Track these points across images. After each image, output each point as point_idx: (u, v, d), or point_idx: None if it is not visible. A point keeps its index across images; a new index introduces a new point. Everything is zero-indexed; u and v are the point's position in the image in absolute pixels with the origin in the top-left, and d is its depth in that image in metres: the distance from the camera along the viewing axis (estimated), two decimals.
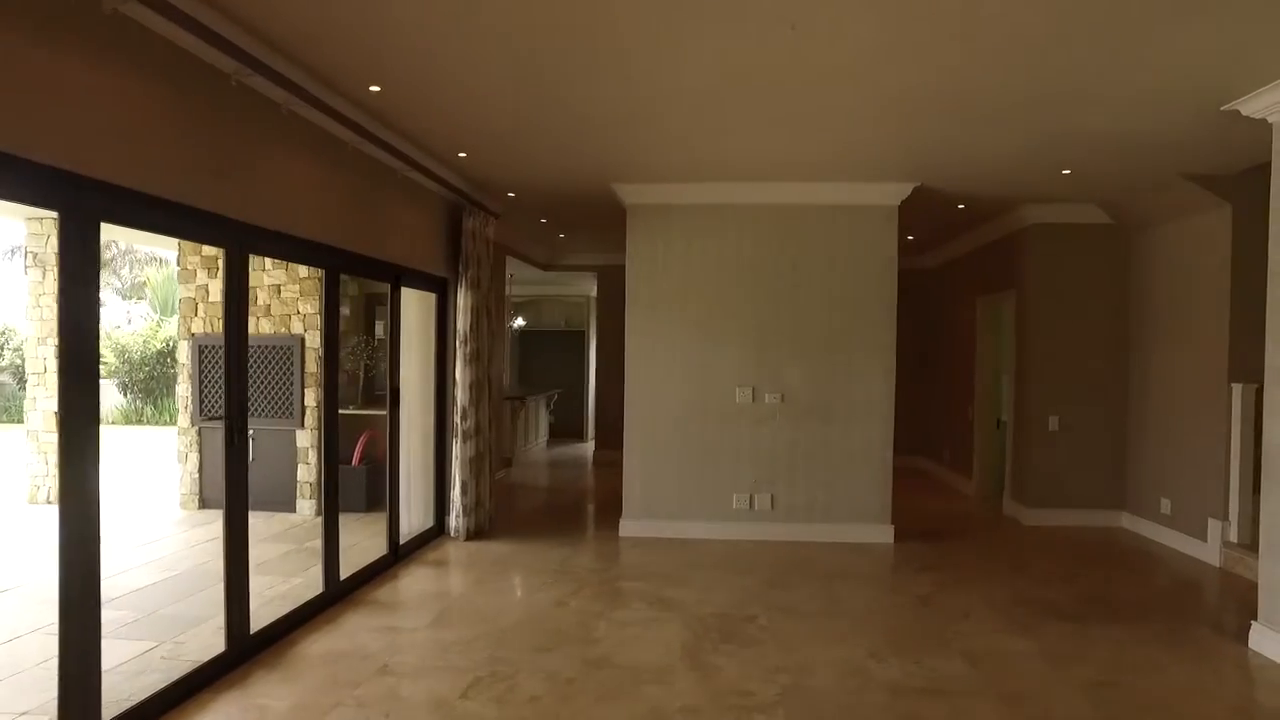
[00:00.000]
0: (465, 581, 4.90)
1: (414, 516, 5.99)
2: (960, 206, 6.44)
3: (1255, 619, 3.84)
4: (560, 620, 4.16)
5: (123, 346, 14.81)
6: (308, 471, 7.13)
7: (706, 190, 5.84)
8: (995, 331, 7.48)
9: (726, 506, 5.95)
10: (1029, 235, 6.57)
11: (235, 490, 3.49)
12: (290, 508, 7.22)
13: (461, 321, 5.84)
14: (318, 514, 7.12)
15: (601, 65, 3.50)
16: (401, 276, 5.22)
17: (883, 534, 5.83)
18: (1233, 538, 5.24)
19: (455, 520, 5.85)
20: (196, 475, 7.26)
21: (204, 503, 7.29)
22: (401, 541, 5.47)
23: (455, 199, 5.83)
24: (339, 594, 4.45)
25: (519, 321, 11.78)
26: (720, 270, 5.96)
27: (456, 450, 5.84)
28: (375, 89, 3.83)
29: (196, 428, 7.24)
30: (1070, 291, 6.49)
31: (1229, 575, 5.14)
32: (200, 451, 7.27)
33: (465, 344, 5.84)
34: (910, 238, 8.09)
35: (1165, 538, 5.91)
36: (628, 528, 6.02)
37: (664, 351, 6.02)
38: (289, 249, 3.97)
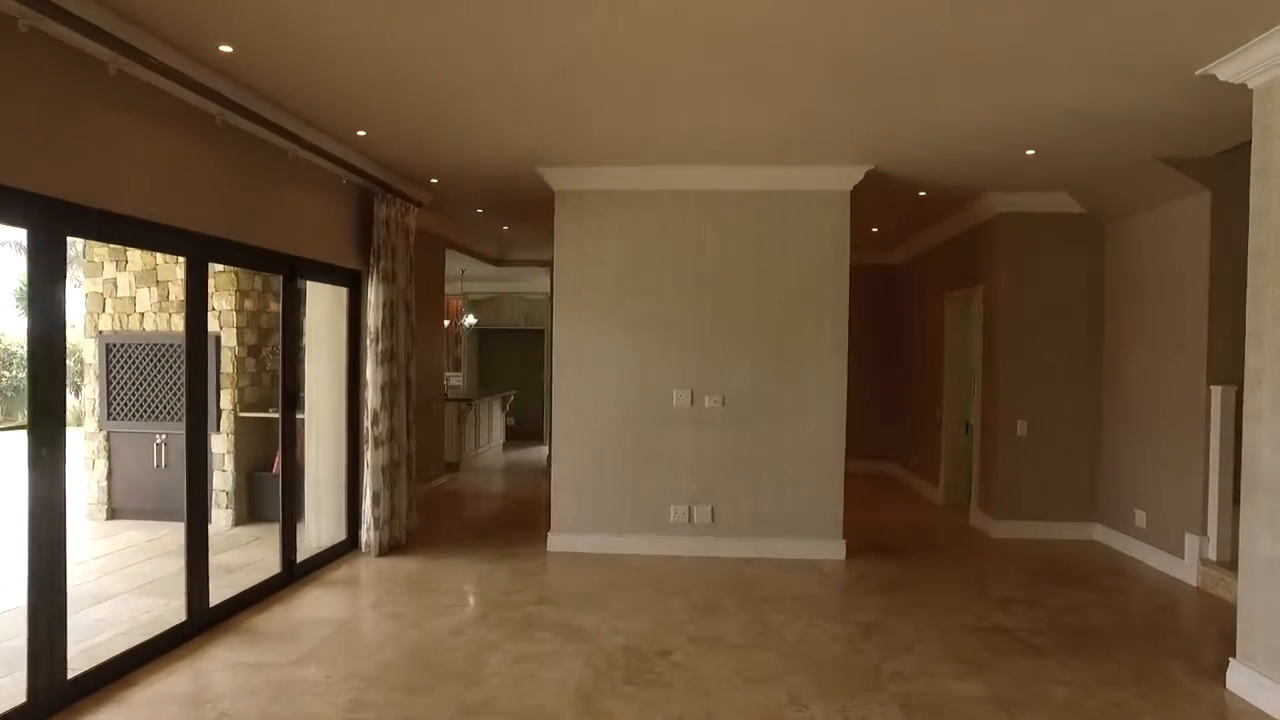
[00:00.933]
0: (360, 605, 4.39)
1: (324, 529, 5.48)
2: (922, 194, 5.97)
3: (1234, 655, 3.37)
4: (450, 653, 3.65)
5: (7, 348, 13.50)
6: (224, 479, 6.61)
7: (641, 175, 5.35)
8: (964, 330, 7.01)
9: (663, 519, 5.46)
10: (996, 226, 6.10)
11: (40, 509, 2.96)
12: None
13: (373, 318, 5.33)
14: (235, 524, 6.62)
15: (469, 26, 3.00)
16: (297, 268, 4.71)
17: (834, 549, 5.35)
18: (1211, 555, 4.78)
19: (367, 534, 5.34)
20: (105, 483, 6.74)
21: (114, 513, 6.76)
22: (305, 557, 4.97)
23: (366, 185, 5.32)
24: (208, 621, 3.94)
25: (469, 320, 11.26)
26: (657, 263, 5.47)
27: (369, 458, 5.33)
28: (226, 49, 3.32)
29: (105, 432, 6.72)
30: (1040, 286, 6.02)
31: (1207, 597, 4.67)
32: (109, 458, 6.75)
33: (376, 342, 5.32)
34: (875, 230, 7.62)
35: (1140, 553, 5.44)
36: (557, 543, 5.52)
37: (595, 351, 5.52)
38: (129, 232, 3.45)
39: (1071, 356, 6.01)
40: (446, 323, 11.43)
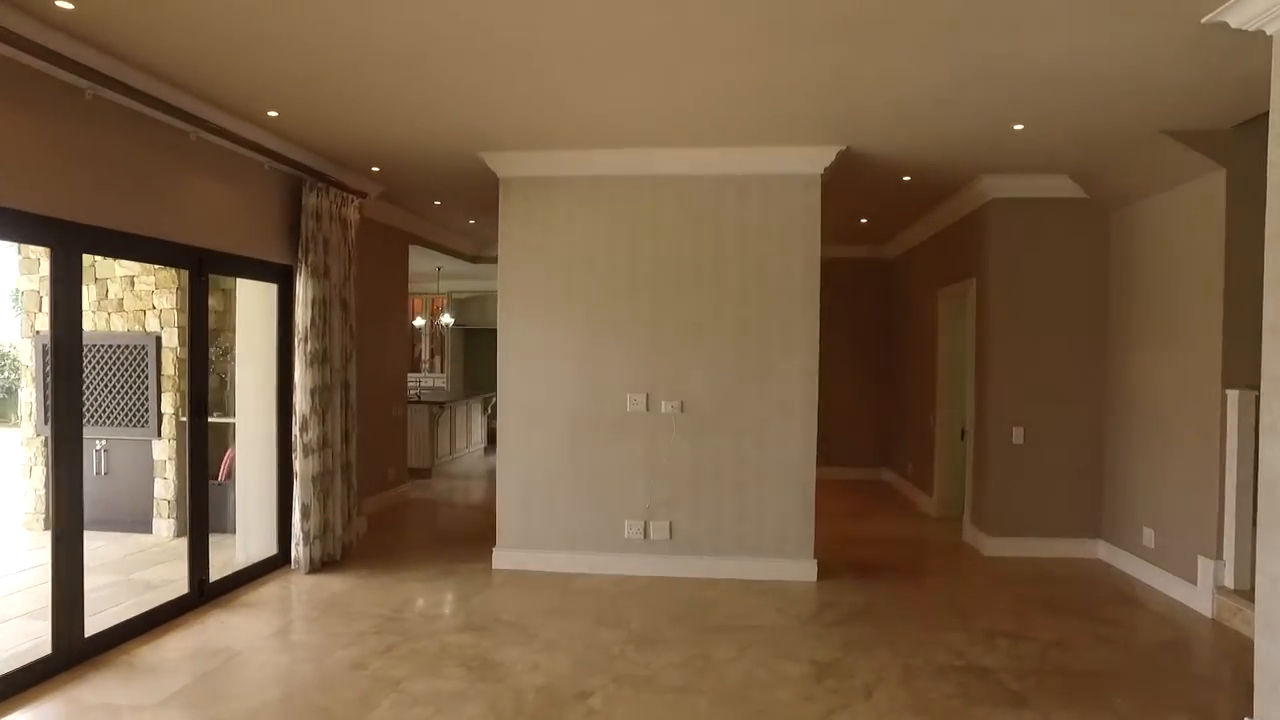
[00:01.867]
0: (262, 633, 3.96)
1: (254, 544, 5.08)
2: (906, 179, 5.44)
3: (1250, 716, 2.83)
4: (340, 694, 3.21)
5: None
6: (165, 487, 6.24)
7: (591, 160, 4.88)
8: (959, 329, 6.46)
9: (617, 536, 4.98)
10: (989, 213, 5.56)
11: None
12: (146, 528, 6.34)
13: (301, 316, 4.90)
14: (178, 534, 6.24)
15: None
16: (206, 262, 4.29)
17: (804, 570, 4.84)
18: (1228, 582, 4.22)
19: (297, 549, 4.92)
20: (43, 491, 6.39)
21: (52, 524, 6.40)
22: (227, 574, 4.57)
23: (293, 173, 4.89)
24: (82, 654, 3.52)
25: (447, 319, 10.85)
26: (609, 256, 4.99)
27: (298, 467, 4.91)
28: (65, 5, 2.90)
29: (42, 438, 6.37)
30: (1038, 279, 5.46)
31: (1223, 631, 4.11)
32: (47, 465, 6.38)
33: (305, 342, 4.90)
34: (864, 221, 7.09)
35: (1148, 575, 4.88)
36: (503, 559, 5.07)
37: (542, 352, 5.06)
38: None
39: (1072, 357, 5.45)
40: (420, 322, 11.09)
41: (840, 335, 8.31)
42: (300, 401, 4.89)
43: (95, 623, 3.70)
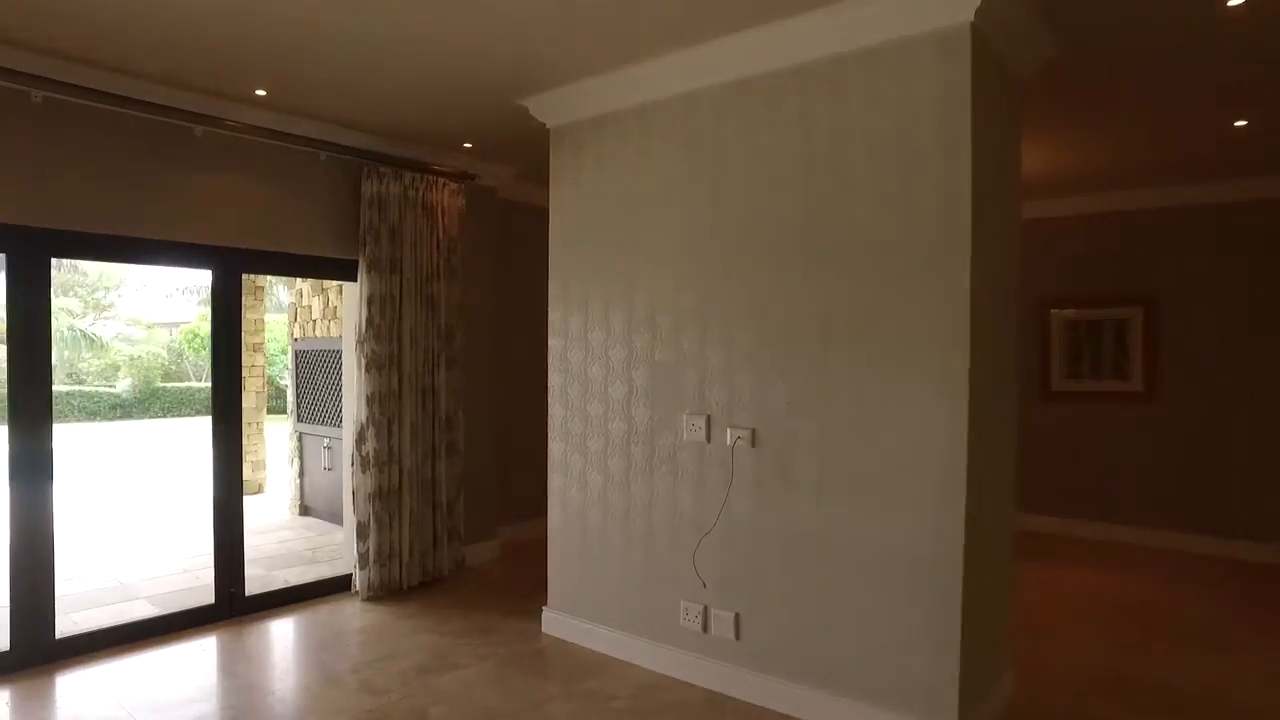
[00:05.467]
0: (210, 674, 3.51)
1: (343, 559, 4.82)
2: (1234, 3, 2.75)
3: None
4: None
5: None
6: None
7: (638, 78, 3.45)
8: None
9: (671, 620, 3.44)
10: None
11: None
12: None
13: (358, 315, 4.46)
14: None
15: None
16: (234, 262, 4.07)
17: None
18: None
19: (355, 571, 4.50)
20: (299, 481, 7.21)
21: (305, 510, 7.20)
22: (273, 588, 4.37)
23: (354, 160, 4.44)
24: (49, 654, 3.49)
25: None
26: (658, 223, 3.49)
27: (353, 482, 4.48)
28: None
29: (297, 433, 7.20)
30: None
31: None
32: (301, 458, 7.20)
33: (362, 344, 4.44)
34: (1242, 124, 4.07)
35: None
36: (552, 623, 3.92)
37: (583, 358, 3.78)
38: None
39: None
40: None
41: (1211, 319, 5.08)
42: (357, 409, 4.45)
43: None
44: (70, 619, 4.07)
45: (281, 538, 6.30)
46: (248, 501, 4.44)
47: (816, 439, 2.97)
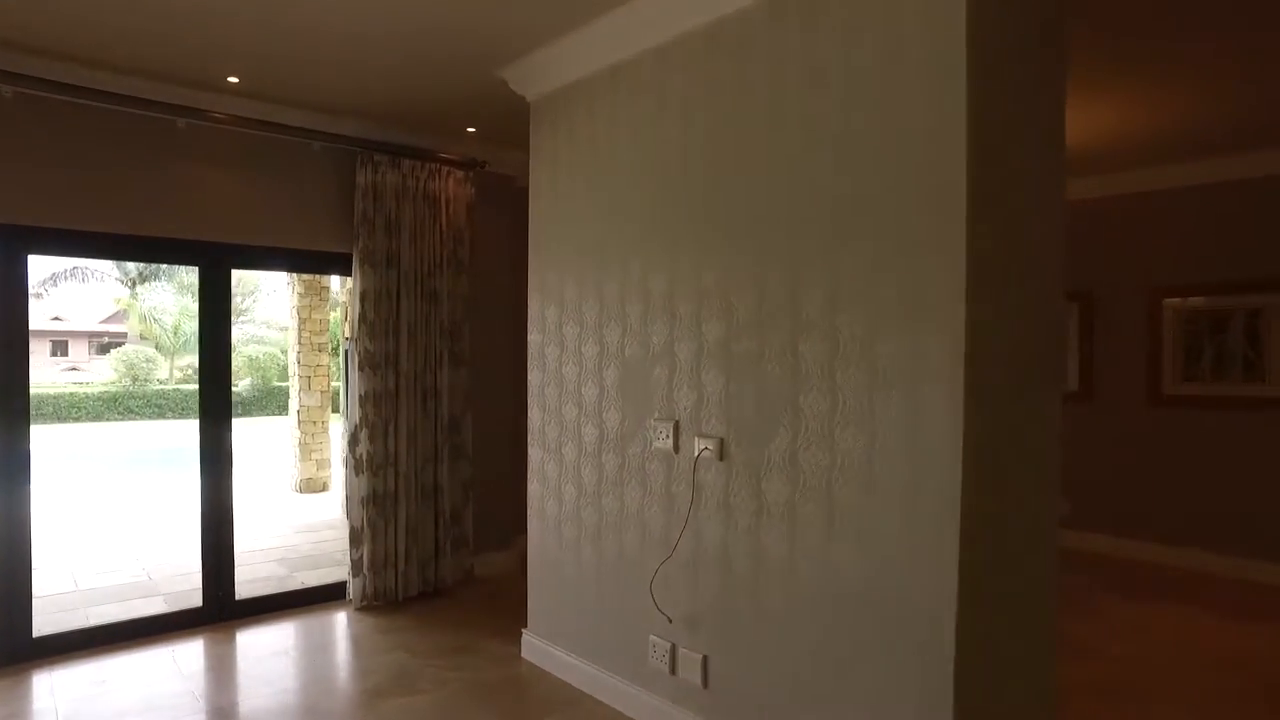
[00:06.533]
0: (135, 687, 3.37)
1: None
2: None
3: None
4: None
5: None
6: None
7: (621, 29, 3.02)
8: None
9: (641, 657, 2.98)
10: None
11: None
12: None
13: (351, 312, 4.27)
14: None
15: None
16: (221, 257, 3.96)
17: None
18: None
19: (349, 578, 4.31)
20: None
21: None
22: (267, 593, 4.25)
23: (347, 150, 4.25)
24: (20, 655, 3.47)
25: None
26: (626, 198, 3.05)
27: (345, 486, 4.30)
28: None
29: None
30: None
31: None
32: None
33: (356, 343, 4.25)
34: None
35: None
36: (531, 648, 3.55)
37: (558, 356, 3.39)
38: None
39: None
40: None
41: None
42: (351, 409, 4.26)
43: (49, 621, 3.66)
44: (85, 612, 4.18)
45: (322, 538, 6.29)
46: (309, 500, 4.37)
47: (787, 451, 2.44)
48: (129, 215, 3.68)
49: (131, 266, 20.47)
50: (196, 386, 4.16)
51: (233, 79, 3.62)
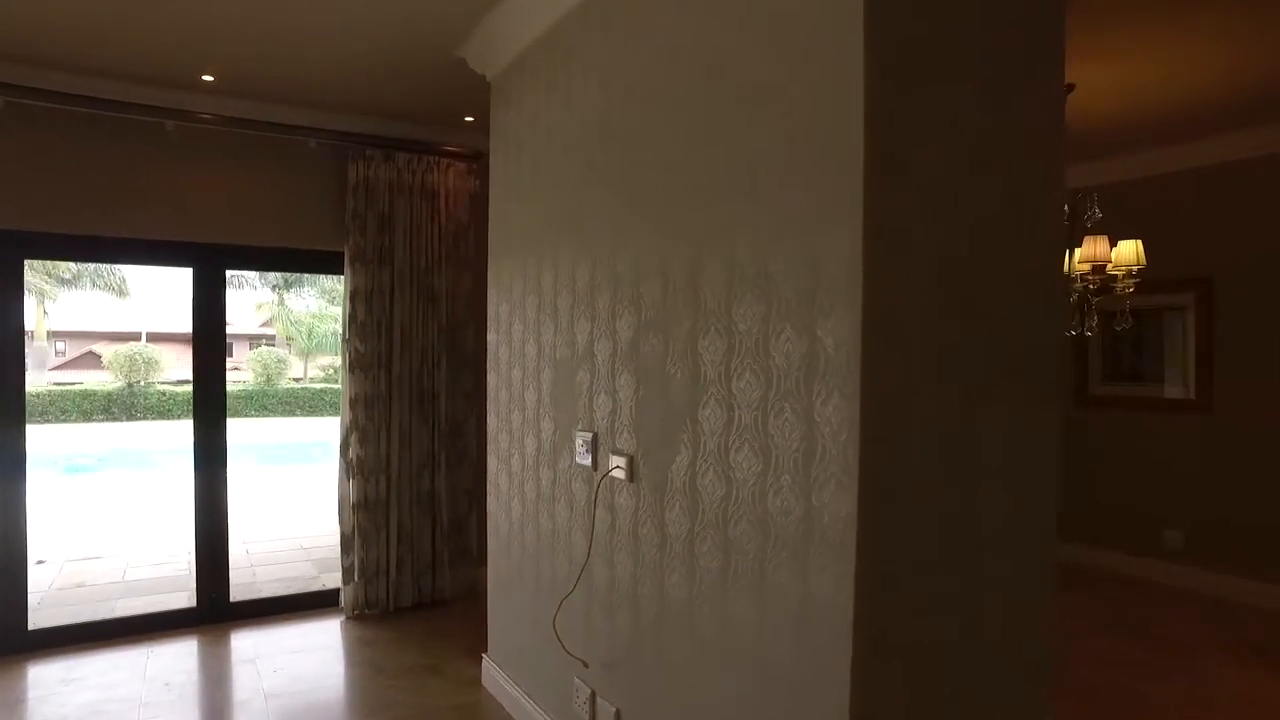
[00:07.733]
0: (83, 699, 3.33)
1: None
2: None
3: None
4: None
5: None
6: None
7: None
8: None
9: (566, 701, 2.61)
10: None
11: None
12: None
13: (343, 311, 4.15)
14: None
15: None
16: (216, 259, 3.95)
17: None
18: None
19: (341, 587, 4.19)
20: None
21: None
22: (263, 596, 4.23)
23: (341, 145, 4.14)
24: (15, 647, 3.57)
25: None
26: (557, 169, 2.68)
27: (336, 491, 4.19)
28: None
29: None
30: None
31: None
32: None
33: (348, 344, 4.13)
34: None
35: None
36: (489, 675, 3.26)
37: (515, 347, 3.08)
38: None
39: None
40: None
41: None
42: (345, 414, 4.14)
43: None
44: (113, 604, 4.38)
45: None
46: None
47: (687, 474, 1.99)
48: (122, 219, 3.73)
49: (273, 275, 22.19)
50: (322, 386, 4.17)
51: (207, 77, 3.58)
